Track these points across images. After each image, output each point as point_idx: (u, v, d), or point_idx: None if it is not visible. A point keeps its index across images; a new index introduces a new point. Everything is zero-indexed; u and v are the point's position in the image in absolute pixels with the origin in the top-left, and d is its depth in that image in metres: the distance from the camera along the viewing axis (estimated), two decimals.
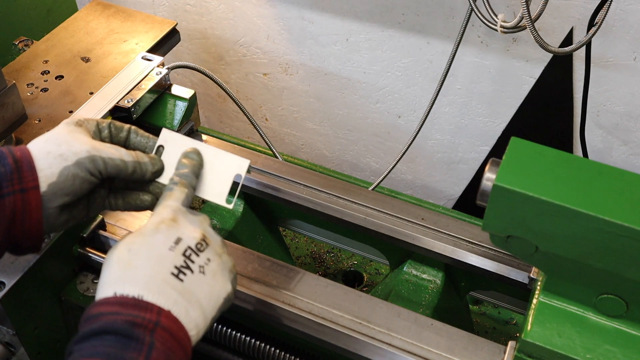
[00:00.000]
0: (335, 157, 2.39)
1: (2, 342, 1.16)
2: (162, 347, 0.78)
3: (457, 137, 2.08)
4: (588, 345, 0.92)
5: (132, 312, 0.79)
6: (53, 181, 0.92)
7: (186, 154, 0.99)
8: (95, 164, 0.94)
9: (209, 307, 0.86)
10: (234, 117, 2.46)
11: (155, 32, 1.59)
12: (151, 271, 0.83)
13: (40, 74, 1.46)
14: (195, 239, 0.88)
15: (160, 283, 0.83)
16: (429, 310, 1.39)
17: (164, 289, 0.82)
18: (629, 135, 1.84)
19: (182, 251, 0.86)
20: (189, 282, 0.85)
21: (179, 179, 0.95)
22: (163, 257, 0.85)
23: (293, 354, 1.19)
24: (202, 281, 0.86)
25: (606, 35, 1.66)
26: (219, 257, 0.90)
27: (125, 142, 1.02)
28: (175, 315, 0.81)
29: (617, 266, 0.85)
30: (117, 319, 0.78)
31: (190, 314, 0.83)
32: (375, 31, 1.94)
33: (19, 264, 1.11)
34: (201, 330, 0.85)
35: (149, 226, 0.88)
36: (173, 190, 0.93)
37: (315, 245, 2.01)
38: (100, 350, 0.76)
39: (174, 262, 0.85)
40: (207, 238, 0.90)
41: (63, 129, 0.96)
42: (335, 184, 1.43)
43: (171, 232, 0.87)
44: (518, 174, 0.85)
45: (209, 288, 0.87)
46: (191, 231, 0.89)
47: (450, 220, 1.36)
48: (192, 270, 0.86)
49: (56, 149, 0.93)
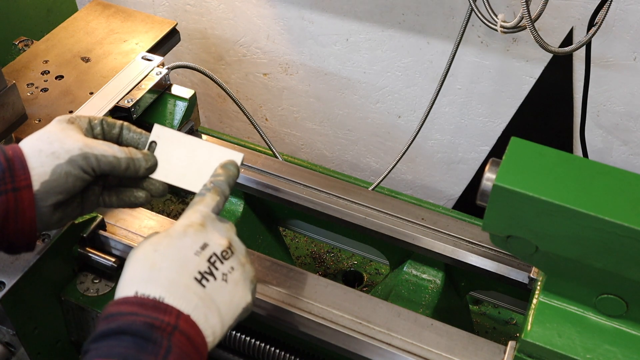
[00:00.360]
0: (335, 157, 2.39)
1: (2, 342, 1.16)
2: (179, 351, 0.77)
3: (457, 137, 2.08)
4: (588, 345, 0.92)
5: (151, 314, 0.78)
6: (46, 180, 0.91)
7: (224, 164, 0.98)
8: (88, 162, 0.93)
9: (228, 315, 0.86)
10: (234, 117, 2.46)
11: (155, 32, 1.59)
12: (175, 274, 0.83)
13: (40, 74, 1.46)
14: (222, 246, 0.88)
15: (183, 287, 0.82)
16: (429, 310, 1.39)
17: (185, 293, 0.82)
18: (629, 135, 1.84)
19: (207, 257, 0.86)
20: (211, 289, 0.84)
21: (212, 185, 0.94)
22: (188, 261, 0.84)
23: (293, 353, 1.19)
24: (223, 289, 0.86)
25: (606, 35, 1.66)
26: (242, 267, 0.90)
27: (118, 138, 1.01)
28: (194, 320, 0.81)
29: (617, 266, 0.85)
30: (136, 319, 0.77)
31: (209, 320, 0.83)
32: (375, 31, 1.94)
33: (19, 264, 1.11)
34: (217, 338, 0.85)
35: (177, 229, 0.87)
36: (205, 196, 0.92)
37: (315, 245, 2.01)
38: (117, 351, 0.75)
39: (198, 267, 0.84)
40: (233, 246, 0.90)
41: (55, 126, 0.96)
42: (335, 184, 1.43)
43: (198, 237, 0.87)
44: (518, 174, 0.85)
45: (230, 296, 0.86)
46: (218, 238, 0.88)
47: (450, 220, 1.36)
48: (215, 277, 0.85)
49: (48, 147, 0.93)
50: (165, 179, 1.01)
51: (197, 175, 1.00)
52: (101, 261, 1.21)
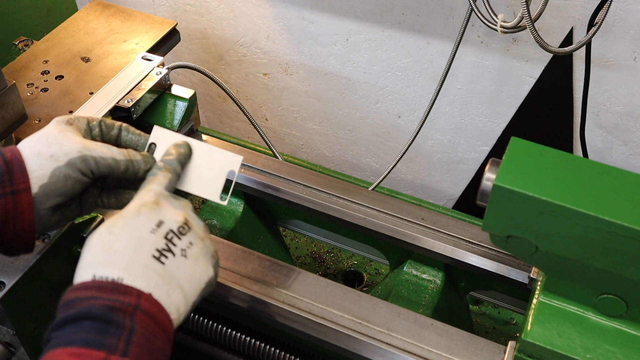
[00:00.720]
0: (335, 157, 2.39)
1: (2, 342, 1.16)
2: (143, 331, 0.76)
3: (457, 137, 2.08)
4: (588, 345, 0.92)
5: (110, 297, 0.77)
6: (44, 182, 0.91)
7: (175, 144, 0.98)
8: (87, 164, 0.93)
9: (191, 291, 0.85)
10: (234, 117, 2.47)
11: (155, 32, 1.59)
12: (132, 254, 0.82)
13: (40, 74, 1.46)
14: (178, 222, 0.87)
15: (141, 266, 0.81)
16: (429, 310, 1.39)
17: (144, 272, 0.81)
18: (629, 135, 1.84)
19: (164, 234, 0.85)
20: (171, 265, 0.84)
21: (163, 164, 0.94)
22: (144, 239, 0.84)
23: (293, 354, 1.19)
24: (183, 265, 0.85)
25: (606, 35, 1.66)
26: (201, 241, 0.89)
27: (116, 140, 1.01)
28: (156, 298, 0.80)
29: (617, 266, 0.85)
30: (95, 303, 0.76)
31: (171, 297, 0.82)
32: (375, 31, 1.94)
33: (19, 264, 1.11)
34: (182, 314, 0.84)
35: (131, 209, 0.87)
36: (157, 175, 0.92)
37: (315, 245, 2.01)
38: (79, 336, 0.74)
39: (155, 244, 0.84)
40: (190, 222, 0.89)
41: (53, 128, 0.95)
42: (335, 184, 1.43)
43: (153, 215, 0.86)
44: (518, 174, 0.85)
45: (191, 272, 0.86)
46: (173, 214, 0.88)
47: (450, 220, 1.36)
48: (174, 253, 0.85)
49: (47, 149, 0.92)
50: None
51: (196, 177, 1.00)
52: None
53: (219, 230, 1.54)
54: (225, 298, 1.16)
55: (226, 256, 1.21)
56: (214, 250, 0.91)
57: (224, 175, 1.01)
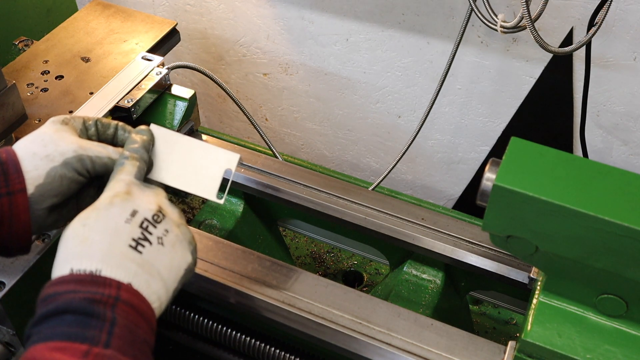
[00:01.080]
0: (335, 157, 2.39)
1: (2, 342, 1.16)
2: (125, 322, 0.76)
3: (457, 137, 2.08)
4: (588, 345, 0.92)
5: (90, 289, 0.77)
6: (40, 183, 0.90)
7: (137, 130, 0.97)
8: (83, 164, 0.92)
9: (170, 278, 0.85)
10: (234, 117, 2.47)
11: (155, 32, 1.59)
12: (108, 245, 0.81)
13: (40, 74, 1.46)
14: (152, 210, 0.87)
15: (118, 256, 0.81)
16: (429, 310, 1.39)
17: (122, 262, 0.81)
18: (629, 135, 1.84)
19: (138, 223, 0.85)
20: (148, 254, 0.83)
21: (129, 153, 0.93)
22: (119, 230, 0.83)
23: (293, 354, 1.19)
24: (161, 252, 0.85)
25: (606, 35, 1.66)
26: (177, 228, 0.89)
27: (113, 139, 1.01)
28: (136, 288, 0.80)
29: (617, 266, 0.85)
30: (75, 297, 0.76)
31: (151, 286, 0.82)
32: (375, 31, 1.94)
33: (19, 264, 1.11)
34: (163, 303, 0.84)
35: (103, 200, 0.86)
36: (124, 164, 0.91)
37: (315, 245, 2.01)
38: (59, 330, 0.74)
39: (130, 234, 0.83)
40: (164, 209, 0.89)
41: (49, 127, 0.95)
42: (335, 184, 1.43)
43: (126, 204, 0.86)
44: (518, 174, 0.85)
45: (169, 259, 0.85)
46: (147, 203, 0.87)
47: (450, 220, 1.36)
48: (151, 242, 0.84)
49: (42, 149, 0.92)
50: (161, 179, 1.00)
51: (193, 176, 0.99)
52: None
53: (219, 230, 1.54)
54: (225, 298, 1.16)
55: (226, 256, 1.21)
56: (190, 237, 0.90)
57: (221, 173, 1.00)
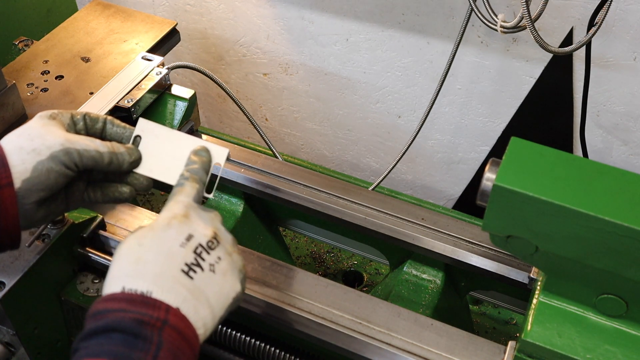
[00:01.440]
0: (335, 157, 2.39)
1: (2, 342, 1.16)
2: (170, 346, 0.77)
3: (457, 137, 2.08)
4: (588, 345, 0.92)
5: (140, 310, 0.77)
6: (27, 177, 0.90)
7: (195, 151, 0.97)
8: (70, 157, 0.92)
9: (218, 306, 0.85)
10: (234, 117, 2.47)
11: (155, 32, 1.59)
12: (161, 267, 0.82)
13: (40, 74, 1.46)
14: (207, 236, 0.87)
15: (170, 279, 0.81)
16: (429, 310, 1.39)
17: (173, 286, 0.81)
18: (629, 135, 1.84)
19: (193, 248, 0.85)
20: (199, 280, 0.84)
21: (189, 174, 0.93)
22: (174, 253, 0.84)
23: (293, 354, 1.19)
24: (211, 280, 0.85)
25: (606, 35, 1.66)
26: (229, 256, 0.88)
27: (101, 133, 1.00)
28: (184, 313, 0.80)
29: (617, 266, 0.85)
30: (125, 316, 0.77)
31: (199, 312, 0.82)
32: (375, 31, 1.94)
33: (19, 264, 1.11)
34: (209, 330, 0.84)
35: (161, 221, 0.86)
36: (184, 185, 0.91)
37: (315, 245, 2.01)
38: (107, 349, 0.75)
39: (184, 259, 0.84)
40: (219, 236, 0.88)
41: (36, 122, 0.95)
42: (335, 184, 1.43)
43: (183, 228, 0.86)
44: (518, 174, 0.85)
45: (219, 287, 0.86)
46: (203, 228, 0.87)
47: (450, 220, 1.36)
48: (203, 268, 0.85)
49: (29, 143, 0.92)
50: (150, 173, 1.00)
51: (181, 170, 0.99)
52: (101, 261, 1.21)
53: None
54: None
55: None
56: (241, 265, 0.90)
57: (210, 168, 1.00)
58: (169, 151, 1.00)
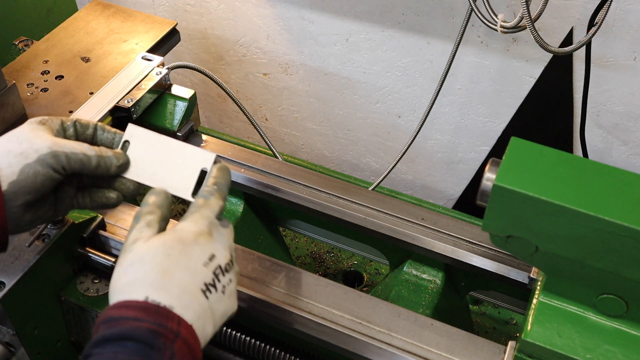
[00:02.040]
0: (335, 157, 2.39)
1: (2, 342, 1.16)
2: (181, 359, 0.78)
3: (457, 137, 2.08)
4: (588, 345, 0.92)
5: (155, 320, 0.78)
6: (13, 180, 0.90)
7: (220, 167, 0.97)
8: (58, 160, 0.93)
9: (219, 323, 0.88)
10: (234, 117, 2.47)
11: (155, 32, 1.59)
12: (186, 284, 0.83)
13: (40, 74, 1.46)
14: (226, 258, 0.89)
15: (190, 296, 0.83)
16: (429, 310, 1.39)
17: (191, 303, 0.83)
18: (629, 135, 1.84)
19: (213, 269, 0.87)
20: (212, 300, 0.86)
21: (216, 188, 0.94)
22: (197, 272, 0.85)
23: (293, 354, 1.19)
24: (221, 300, 0.87)
25: (606, 35, 1.66)
26: (236, 277, 0.91)
27: (92, 139, 1.01)
28: (195, 329, 0.82)
29: (617, 266, 0.85)
30: (140, 325, 0.77)
31: (205, 330, 0.84)
32: (375, 31, 1.94)
33: (19, 264, 1.11)
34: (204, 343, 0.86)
35: (190, 235, 0.87)
36: (210, 200, 0.92)
37: (315, 245, 2.01)
38: (121, 357, 0.75)
39: (204, 278, 0.85)
40: (234, 258, 0.92)
41: (26, 127, 0.96)
42: (335, 184, 1.43)
43: (207, 247, 0.88)
44: (518, 174, 0.85)
45: (224, 307, 0.88)
46: (223, 249, 0.90)
47: (450, 220, 1.36)
48: (217, 289, 0.87)
49: (17, 147, 0.92)
50: (137, 178, 1.00)
51: (169, 175, 0.99)
52: (101, 261, 1.21)
53: None
54: None
55: None
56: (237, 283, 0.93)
57: (197, 173, 1.00)
58: (156, 156, 1.01)
